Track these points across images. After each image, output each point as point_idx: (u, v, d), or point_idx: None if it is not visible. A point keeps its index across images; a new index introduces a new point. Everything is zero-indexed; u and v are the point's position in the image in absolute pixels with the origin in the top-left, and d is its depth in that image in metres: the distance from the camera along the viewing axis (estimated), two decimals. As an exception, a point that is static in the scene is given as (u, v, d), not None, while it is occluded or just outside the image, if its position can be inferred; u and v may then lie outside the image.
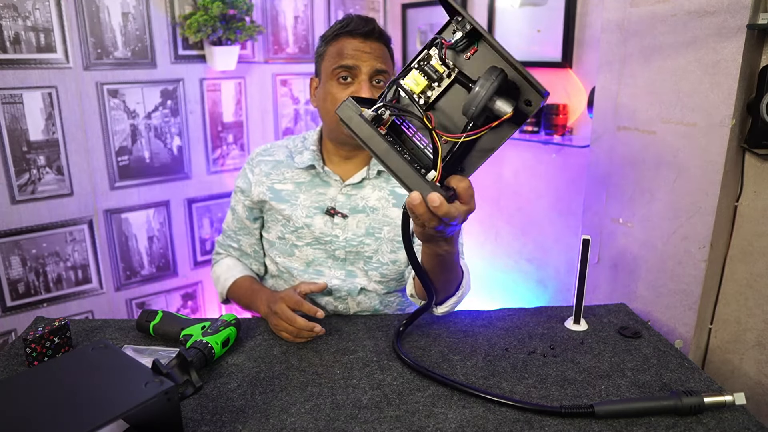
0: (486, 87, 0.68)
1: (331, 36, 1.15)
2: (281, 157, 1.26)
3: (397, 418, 0.83)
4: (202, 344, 0.94)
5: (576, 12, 2.06)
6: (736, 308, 1.50)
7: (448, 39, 0.74)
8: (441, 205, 0.68)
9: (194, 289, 2.53)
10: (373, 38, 1.13)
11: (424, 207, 0.69)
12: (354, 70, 1.11)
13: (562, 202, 2.15)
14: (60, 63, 2.00)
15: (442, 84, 0.75)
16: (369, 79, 1.11)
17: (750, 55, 1.32)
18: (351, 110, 0.71)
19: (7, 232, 1.98)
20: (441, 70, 0.75)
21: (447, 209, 0.69)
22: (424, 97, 0.75)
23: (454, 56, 0.75)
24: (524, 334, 1.10)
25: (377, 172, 1.22)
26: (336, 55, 1.13)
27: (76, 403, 0.67)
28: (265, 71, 2.53)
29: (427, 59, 0.75)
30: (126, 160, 2.22)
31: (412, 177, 0.70)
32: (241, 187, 1.28)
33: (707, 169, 1.39)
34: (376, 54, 1.12)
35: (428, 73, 0.75)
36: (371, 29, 1.12)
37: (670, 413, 0.83)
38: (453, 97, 0.76)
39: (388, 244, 1.21)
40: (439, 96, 0.76)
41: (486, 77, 0.69)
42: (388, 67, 1.14)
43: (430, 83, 0.75)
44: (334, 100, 1.13)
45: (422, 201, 0.69)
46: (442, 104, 0.77)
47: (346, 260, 1.21)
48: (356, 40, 1.12)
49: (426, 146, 0.76)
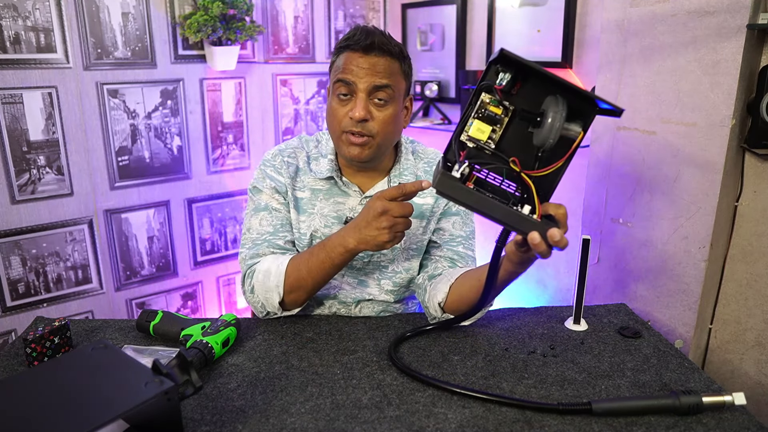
0: (558, 116, 0.74)
1: (338, 48, 1.12)
2: (301, 163, 1.21)
3: (397, 418, 0.83)
4: (202, 344, 0.94)
5: (576, 12, 2.06)
6: (736, 308, 1.50)
7: (496, 82, 0.79)
8: (561, 239, 0.76)
9: (194, 289, 2.53)
10: (374, 53, 1.06)
11: (544, 244, 0.76)
12: (351, 85, 1.07)
13: (562, 202, 2.14)
14: (60, 63, 2.00)
15: (503, 124, 0.80)
16: (367, 95, 1.07)
17: (750, 55, 1.32)
18: (448, 181, 0.77)
19: (7, 232, 1.98)
20: (499, 112, 0.80)
21: (564, 240, 0.76)
22: (492, 142, 0.81)
23: (506, 96, 0.80)
24: (524, 334, 1.10)
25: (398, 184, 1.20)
26: (338, 69, 1.09)
27: (76, 403, 0.67)
28: (265, 71, 2.53)
29: (483, 106, 0.80)
30: (126, 160, 2.22)
31: (524, 221, 0.77)
32: (276, 187, 1.18)
33: (707, 169, 1.39)
34: (376, 69, 1.06)
35: (489, 119, 0.80)
36: (371, 43, 1.05)
37: (668, 412, 0.83)
38: (513, 132, 0.81)
39: (404, 253, 1.20)
40: (501, 136, 0.81)
41: (554, 108, 0.75)
42: (392, 81, 1.08)
43: (493, 127, 0.80)
44: (333, 116, 1.10)
45: (542, 240, 0.75)
46: (505, 142, 0.82)
47: (361, 270, 1.21)
48: (356, 55, 1.07)
49: (502, 182, 0.82)
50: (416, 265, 1.21)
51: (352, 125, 1.07)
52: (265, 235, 1.17)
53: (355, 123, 1.07)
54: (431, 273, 1.17)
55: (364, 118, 1.06)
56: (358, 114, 1.05)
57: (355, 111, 1.06)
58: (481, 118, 0.79)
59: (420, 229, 1.20)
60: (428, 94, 2.63)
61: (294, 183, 1.19)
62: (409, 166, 1.21)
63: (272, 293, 1.09)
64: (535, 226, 0.76)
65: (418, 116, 2.68)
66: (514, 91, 0.80)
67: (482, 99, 0.79)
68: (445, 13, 2.56)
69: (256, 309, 1.15)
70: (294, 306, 1.13)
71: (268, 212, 1.18)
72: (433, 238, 1.22)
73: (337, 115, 1.09)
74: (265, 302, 1.12)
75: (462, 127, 0.80)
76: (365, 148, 1.09)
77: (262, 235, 1.17)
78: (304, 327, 1.12)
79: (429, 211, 1.21)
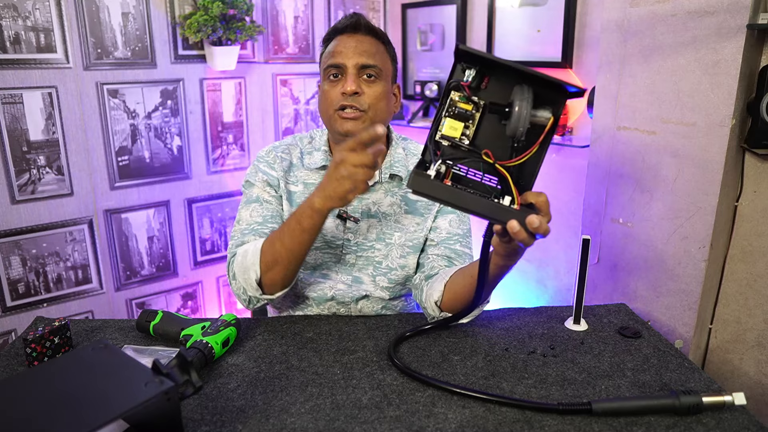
0: (524, 104, 0.75)
1: (325, 39, 1.17)
2: (295, 159, 1.24)
3: (397, 418, 0.83)
4: (202, 344, 0.94)
5: (576, 12, 2.06)
6: (736, 308, 1.50)
7: (463, 79, 0.80)
8: (541, 224, 0.75)
9: (194, 289, 2.53)
10: (360, 32, 1.13)
11: (524, 231, 0.76)
12: (341, 67, 1.11)
13: (562, 202, 2.14)
14: (60, 63, 2.00)
15: (475, 120, 0.81)
16: (356, 72, 1.11)
17: (750, 55, 1.32)
18: (421, 180, 0.78)
19: (7, 232, 1.98)
20: (469, 108, 0.81)
21: (544, 225, 0.76)
22: (466, 138, 0.81)
23: (474, 92, 0.81)
24: (524, 334, 1.10)
25: (389, 175, 1.21)
26: (326, 56, 1.14)
27: (76, 403, 0.67)
28: (265, 71, 2.54)
29: (453, 104, 0.81)
30: (126, 160, 2.22)
31: (502, 211, 0.77)
32: (268, 180, 1.20)
33: (707, 169, 1.39)
34: (363, 47, 1.11)
35: (461, 116, 0.81)
36: (355, 21, 1.12)
37: (668, 412, 0.83)
38: (487, 126, 0.82)
39: (399, 249, 1.20)
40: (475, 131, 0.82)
41: (519, 96, 0.75)
42: (378, 62, 1.12)
43: (465, 123, 0.81)
44: (325, 96, 1.13)
45: (521, 228, 0.76)
46: (479, 138, 0.83)
47: (354, 266, 1.21)
48: (344, 36, 1.13)
49: (483, 177, 0.82)
50: (412, 262, 1.21)
51: (343, 100, 1.10)
52: (254, 225, 1.16)
53: (347, 98, 1.10)
54: (428, 273, 1.17)
55: (356, 92, 1.10)
56: (349, 88, 1.09)
57: (346, 86, 1.10)
58: (452, 116, 0.81)
59: (414, 226, 1.20)
60: (428, 94, 2.63)
61: (287, 177, 1.22)
62: (400, 159, 1.22)
63: (250, 272, 1.06)
64: (514, 215, 0.77)
65: (418, 116, 2.68)
66: (484, 85, 0.81)
67: (451, 97, 0.81)
68: (445, 13, 2.56)
69: (239, 297, 1.12)
70: (274, 287, 1.07)
71: (259, 204, 1.19)
72: (429, 236, 1.22)
73: (328, 96, 1.12)
74: (245, 284, 1.07)
75: (435, 127, 0.81)
76: (358, 121, 1.11)
77: (251, 225, 1.16)
78: (304, 327, 1.12)
79: (424, 207, 1.21)
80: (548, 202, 0.81)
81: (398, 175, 1.21)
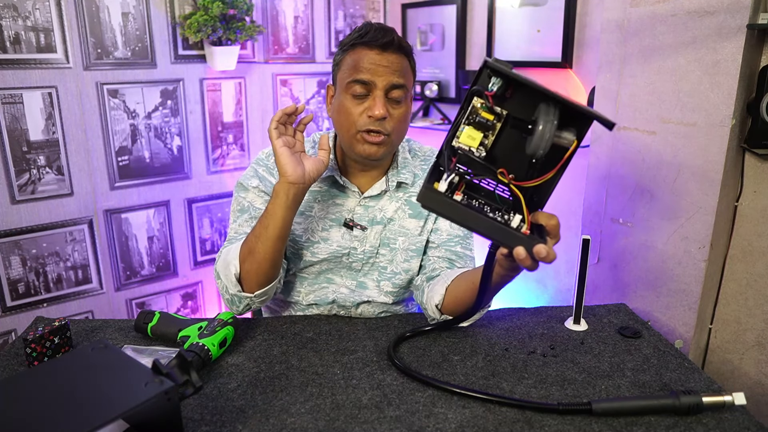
0: (548, 126, 0.71)
1: (348, 45, 1.09)
2: None
3: (397, 418, 0.83)
4: (198, 347, 0.93)
5: (576, 12, 2.06)
6: (736, 308, 1.50)
7: (488, 87, 0.75)
8: (548, 254, 0.73)
9: (194, 289, 2.53)
10: (391, 50, 1.06)
11: (529, 259, 0.74)
12: (369, 85, 1.05)
13: (562, 202, 2.14)
14: (60, 63, 2.00)
15: (495, 131, 0.77)
16: (384, 94, 1.06)
17: (750, 55, 1.32)
18: (431, 196, 0.76)
19: (7, 232, 1.98)
20: (491, 118, 0.76)
21: (552, 255, 0.74)
22: (483, 148, 0.77)
23: (498, 100, 0.77)
24: (524, 334, 1.10)
25: (397, 183, 1.19)
26: (351, 68, 1.07)
27: (76, 403, 0.67)
28: (265, 71, 2.53)
29: (474, 112, 0.76)
30: (126, 160, 2.22)
31: (510, 236, 0.75)
32: (263, 189, 1.17)
33: (707, 169, 1.39)
34: (394, 67, 1.06)
35: (481, 125, 0.77)
36: (389, 41, 1.05)
37: (668, 412, 0.83)
38: (505, 138, 0.79)
39: (403, 254, 1.20)
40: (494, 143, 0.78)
41: (545, 115, 0.71)
42: (406, 81, 1.08)
43: (485, 134, 0.77)
44: (347, 115, 1.08)
45: (527, 255, 0.74)
46: (497, 149, 0.79)
47: (360, 271, 1.20)
48: (373, 52, 1.05)
49: (496, 186, 0.80)
50: (415, 265, 1.21)
51: (369, 124, 1.06)
52: (242, 235, 1.13)
53: (374, 122, 1.06)
54: (429, 275, 1.16)
55: (384, 117, 1.06)
56: (378, 112, 1.04)
57: (375, 109, 1.05)
58: (472, 125, 0.77)
59: (417, 230, 1.20)
60: (428, 94, 2.63)
61: None
62: (407, 165, 1.21)
63: (230, 267, 1.06)
64: (522, 241, 0.74)
65: (418, 116, 2.68)
66: (509, 94, 0.77)
67: (473, 104, 0.76)
68: (445, 13, 2.56)
69: (224, 299, 1.11)
70: (252, 283, 1.05)
71: (249, 214, 1.17)
72: (430, 238, 1.21)
73: (352, 114, 1.07)
74: (226, 281, 1.06)
75: (453, 132, 0.78)
76: (381, 146, 1.09)
77: (239, 235, 1.14)
78: (304, 327, 1.12)
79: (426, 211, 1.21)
80: (559, 225, 0.79)
81: (405, 183, 1.20)
